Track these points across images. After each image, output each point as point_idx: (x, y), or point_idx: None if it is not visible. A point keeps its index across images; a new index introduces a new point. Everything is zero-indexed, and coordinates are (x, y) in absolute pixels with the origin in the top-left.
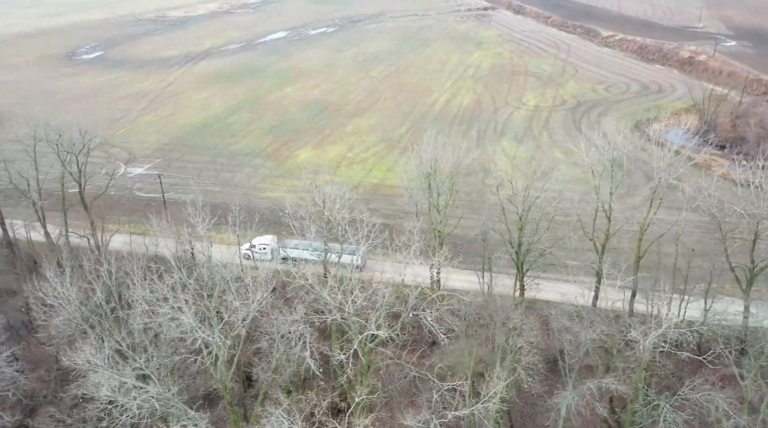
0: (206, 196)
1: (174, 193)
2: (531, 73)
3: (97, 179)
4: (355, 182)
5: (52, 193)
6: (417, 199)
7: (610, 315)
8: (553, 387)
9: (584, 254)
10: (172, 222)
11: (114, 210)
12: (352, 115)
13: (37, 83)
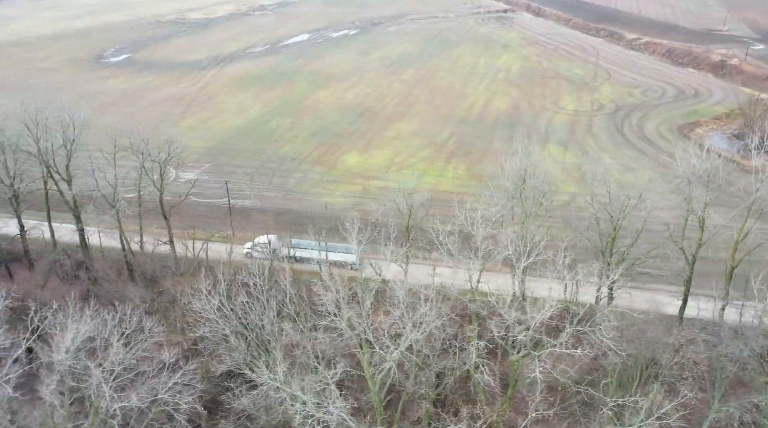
0: (264, 202)
1: (233, 198)
2: (562, 76)
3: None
4: (409, 187)
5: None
6: (501, 207)
7: (736, 329)
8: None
9: (666, 263)
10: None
11: (180, 217)
12: (391, 119)
13: (72, 87)
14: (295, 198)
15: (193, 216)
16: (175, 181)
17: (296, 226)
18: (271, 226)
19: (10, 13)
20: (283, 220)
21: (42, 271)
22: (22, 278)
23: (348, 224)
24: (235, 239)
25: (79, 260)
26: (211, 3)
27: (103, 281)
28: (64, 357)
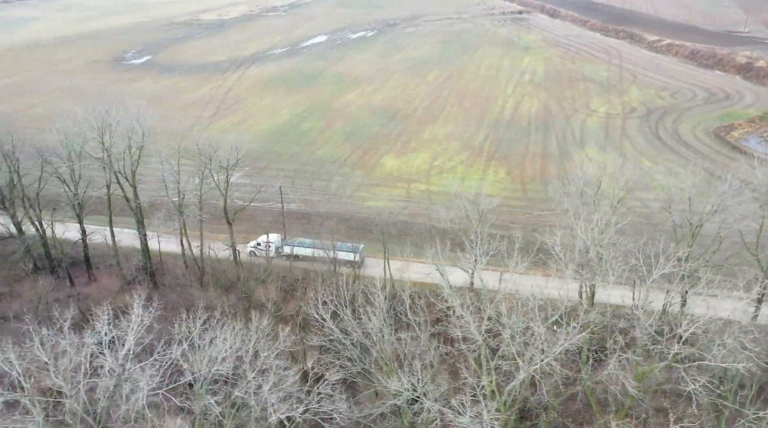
0: (308, 205)
1: (275, 202)
2: (588, 79)
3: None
4: (452, 191)
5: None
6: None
7: None
8: None
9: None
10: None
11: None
12: (424, 122)
13: (97, 89)
14: (339, 202)
15: (241, 220)
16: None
17: (362, 232)
18: (342, 232)
19: (24, 15)
20: (348, 226)
21: (117, 275)
22: (81, 283)
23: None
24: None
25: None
26: (224, 4)
27: (180, 287)
28: (217, 368)
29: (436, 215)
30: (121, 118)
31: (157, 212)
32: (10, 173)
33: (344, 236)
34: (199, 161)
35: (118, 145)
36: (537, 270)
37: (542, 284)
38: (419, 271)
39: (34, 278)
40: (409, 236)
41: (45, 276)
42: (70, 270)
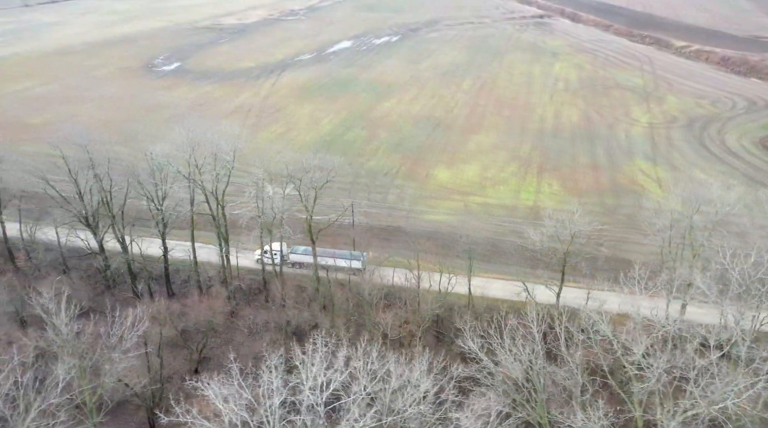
0: (369, 218)
1: (343, 216)
2: (623, 86)
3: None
4: (510, 204)
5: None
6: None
7: None
8: None
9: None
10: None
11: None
12: (467, 131)
13: (136, 98)
14: (400, 215)
15: (325, 236)
16: (271, 198)
17: (446, 249)
18: (431, 251)
19: (46, 20)
20: (431, 243)
21: (217, 295)
22: (188, 303)
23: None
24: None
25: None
26: (242, 8)
27: (287, 309)
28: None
29: (498, 228)
30: (211, 138)
31: (254, 232)
32: (102, 192)
33: (433, 254)
34: (281, 179)
35: (207, 163)
36: (617, 286)
37: (630, 302)
38: (503, 288)
39: (119, 294)
40: (499, 255)
41: (121, 291)
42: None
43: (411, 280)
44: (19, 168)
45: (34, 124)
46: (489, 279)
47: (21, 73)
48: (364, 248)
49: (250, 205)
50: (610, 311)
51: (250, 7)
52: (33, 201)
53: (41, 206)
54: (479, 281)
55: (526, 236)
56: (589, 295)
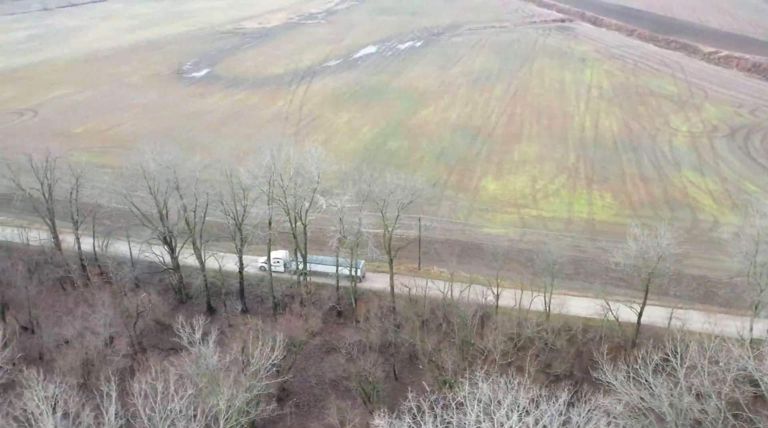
0: (426, 231)
1: (403, 230)
2: (658, 94)
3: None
4: (565, 217)
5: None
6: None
7: None
8: None
9: None
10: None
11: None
12: (508, 141)
13: (172, 106)
14: (458, 229)
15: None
16: (325, 210)
17: (509, 262)
18: (516, 269)
19: (69, 24)
20: (517, 259)
21: (301, 313)
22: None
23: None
24: (467, 279)
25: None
26: (262, 11)
27: (371, 326)
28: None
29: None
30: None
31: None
32: (184, 211)
33: (512, 271)
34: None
35: (290, 184)
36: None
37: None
38: (584, 306)
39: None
40: (568, 271)
41: (194, 305)
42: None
43: (465, 294)
44: (89, 185)
45: (78, 133)
46: (559, 296)
47: (55, 80)
48: (446, 265)
49: (332, 224)
50: (694, 330)
51: (269, 10)
52: (107, 217)
53: (113, 222)
54: (557, 299)
55: (609, 254)
56: (673, 314)
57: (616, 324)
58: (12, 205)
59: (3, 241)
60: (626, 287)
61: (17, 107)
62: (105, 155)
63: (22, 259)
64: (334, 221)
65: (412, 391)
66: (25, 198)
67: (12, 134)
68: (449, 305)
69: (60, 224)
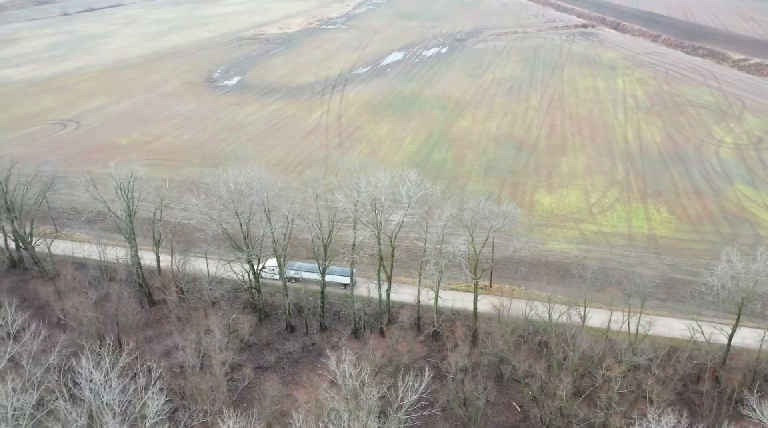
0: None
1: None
2: (694, 104)
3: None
4: (626, 232)
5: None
6: None
7: None
8: None
9: None
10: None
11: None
12: (553, 153)
13: (211, 116)
14: (519, 245)
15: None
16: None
17: (579, 280)
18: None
19: (93, 30)
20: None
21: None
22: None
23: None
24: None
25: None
26: (280, 16)
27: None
28: None
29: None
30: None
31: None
32: (271, 232)
33: (601, 291)
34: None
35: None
36: None
37: None
38: (674, 326)
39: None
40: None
41: (272, 323)
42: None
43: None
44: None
45: (124, 145)
46: (657, 317)
47: (90, 90)
48: (517, 282)
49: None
50: None
51: (288, 15)
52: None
53: (188, 239)
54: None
55: (675, 270)
56: (765, 337)
57: (706, 345)
58: (89, 221)
59: (80, 258)
60: (700, 305)
61: (59, 118)
62: (155, 167)
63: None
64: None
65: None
66: (103, 214)
67: (62, 146)
68: (546, 328)
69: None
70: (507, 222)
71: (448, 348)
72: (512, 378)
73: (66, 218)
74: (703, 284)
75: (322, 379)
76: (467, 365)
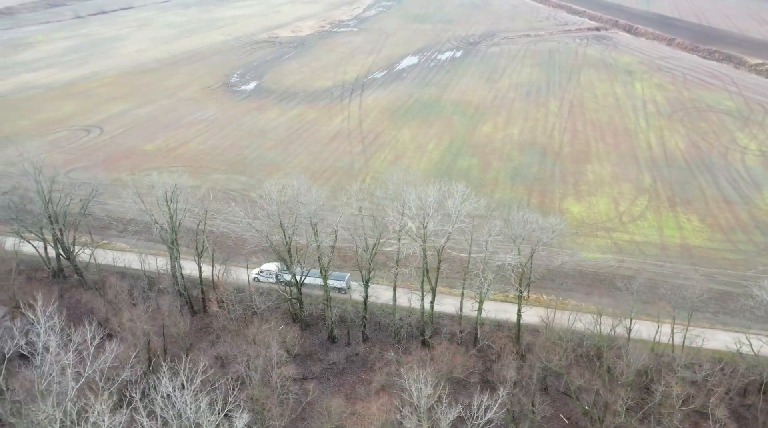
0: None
1: (501, 254)
2: (715, 109)
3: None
4: (658, 242)
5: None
6: None
7: None
8: None
9: None
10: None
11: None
12: (578, 160)
13: (233, 121)
14: (555, 253)
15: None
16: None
17: (616, 290)
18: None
19: (108, 34)
20: (626, 288)
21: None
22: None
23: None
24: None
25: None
26: (292, 19)
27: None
28: None
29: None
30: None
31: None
32: (316, 244)
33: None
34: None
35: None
36: None
37: None
38: (718, 338)
39: (314, 337)
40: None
41: (314, 334)
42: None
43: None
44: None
45: (150, 151)
46: (685, 326)
47: (110, 95)
48: (554, 292)
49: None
50: None
51: (299, 17)
52: (221, 245)
53: (229, 250)
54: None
55: (738, 287)
56: None
57: (753, 359)
58: (135, 232)
59: (121, 267)
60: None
61: (82, 124)
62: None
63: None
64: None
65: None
66: (144, 223)
67: (88, 152)
68: (596, 341)
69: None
70: (555, 236)
71: (492, 360)
72: (557, 389)
73: (103, 226)
74: (751, 297)
75: (385, 394)
76: (517, 377)
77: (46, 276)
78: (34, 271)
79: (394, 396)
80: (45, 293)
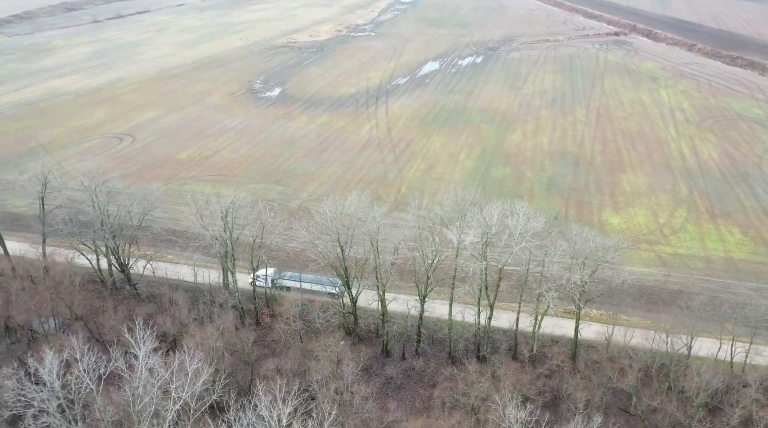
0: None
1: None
2: (745, 118)
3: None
4: (702, 255)
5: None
6: None
7: None
8: None
9: None
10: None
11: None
12: (611, 170)
13: (263, 129)
14: (608, 267)
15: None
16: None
17: (665, 305)
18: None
19: (129, 39)
20: (675, 303)
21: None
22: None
23: None
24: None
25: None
26: (308, 23)
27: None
28: None
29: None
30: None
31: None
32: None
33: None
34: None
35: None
36: None
37: None
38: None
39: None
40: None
41: (367, 348)
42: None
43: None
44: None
45: (183, 160)
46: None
47: (138, 102)
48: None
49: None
50: None
51: (315, 21)
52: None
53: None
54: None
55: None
56: None
57: None
58: (193, 248)
59: (175, 279)
60: None
61: (114, 131)
62: (220, 184)
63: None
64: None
65: None
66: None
67: (123, 161)
68: (676, 363)
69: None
70: (618, 254)
71: (548, 376)
72: (618, 408)
73: (154, 238)
74: None
75: (457, 412)
76: (586, 397)
77: (98, 288)
78: (86, 283)
79: (466, 414)
80: (105, 306)
